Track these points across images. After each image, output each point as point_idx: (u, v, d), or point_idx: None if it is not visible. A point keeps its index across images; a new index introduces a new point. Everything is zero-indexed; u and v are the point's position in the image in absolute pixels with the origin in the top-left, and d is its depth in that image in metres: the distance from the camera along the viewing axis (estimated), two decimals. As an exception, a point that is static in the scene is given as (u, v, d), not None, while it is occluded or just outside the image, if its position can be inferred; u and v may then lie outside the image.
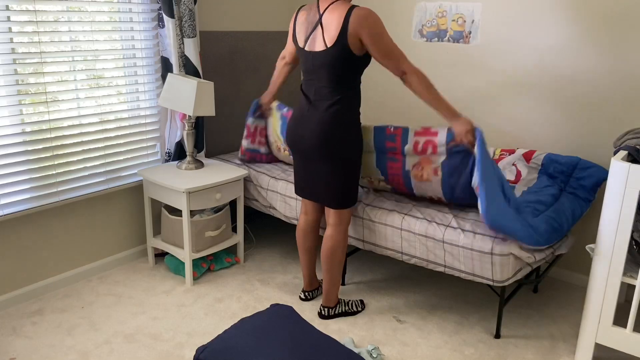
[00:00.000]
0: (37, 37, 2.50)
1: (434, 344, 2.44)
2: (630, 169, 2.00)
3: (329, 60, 2.21)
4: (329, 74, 2.24)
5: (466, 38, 3.16)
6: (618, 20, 2.65)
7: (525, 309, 2.74)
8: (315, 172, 2.39)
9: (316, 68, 2.27)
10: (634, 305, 2.10)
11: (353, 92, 2.30)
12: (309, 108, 2.33)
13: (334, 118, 2.26)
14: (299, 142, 2.38)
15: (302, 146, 2.37)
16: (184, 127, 2.98)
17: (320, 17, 2.23)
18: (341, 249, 2.48)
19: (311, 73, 2.31)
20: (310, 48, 2.28)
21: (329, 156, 2.30)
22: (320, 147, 2.29)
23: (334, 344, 1.96)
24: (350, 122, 2.30)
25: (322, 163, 2.34)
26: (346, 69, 2.23)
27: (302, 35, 2.32)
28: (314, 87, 2.31)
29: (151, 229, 3.04)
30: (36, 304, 2.67)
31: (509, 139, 3.12)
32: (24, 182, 2.57)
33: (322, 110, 2.28)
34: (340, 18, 2.15)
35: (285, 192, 2.88)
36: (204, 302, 2.73)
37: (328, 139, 2.27)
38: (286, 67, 2.72)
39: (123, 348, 2.34)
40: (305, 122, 2.33)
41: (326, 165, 2.33)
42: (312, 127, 2.30)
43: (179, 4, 2.88)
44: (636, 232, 2.17)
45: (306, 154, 2.37)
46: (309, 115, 2.32)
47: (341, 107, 2.27)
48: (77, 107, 2.71)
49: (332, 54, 2.19)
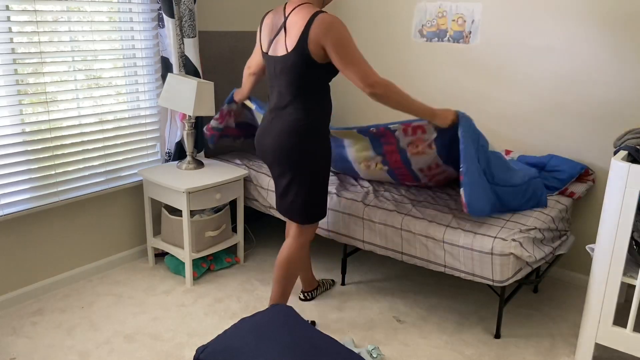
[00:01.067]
0: (37, 37, 2.50)
1: (434, 344, 2.44)
2: (630, 169, 2.00)
3: (289, 65, 2.08)
4: (290, 81, 2.11)
5: (466, 38, 3.16)
6: (618, 20, 2.65)
7: (525, 309, 2.74)
8: (280, 184, 2.27)
9: (278, 74, 2.15)
10: (634, 305, 2.10)
11: (318, 100, 2.15)
12: (272, 118, 2.21)
13: (295, 127, 2.13)
14: (264, 152, 2.25)
15: (267, 157, 2.25)
16: (184, 127, 2.98)
17: (285, 20, 2.10)
18: (295, 262, 2.36)
19: (274, 79, 2.19)
20: (273, 52, 2.16)
21: (292, 167, 2.17)
22: (283, 158, 2.17)
23: (334, 344, 1.96)
24: (314, 131, 2.15)
25: (285, 174, 2.22)
26: (308, 76, 2.10)
27: (267, 38, 2.21)
28: (276, 95, 2.19)
29: (151, 229, 3.04)
30: (36, 304, 2.67)
31: (508, 140, 3.12)
32: (24, 182, 2.57)
33: (284, 119, 2.15)
34: (302, 22, 2.02)
35: (285, 192, 2.88)
36: (204, 302, 2.72)
37: (289, 150, 2.14)
38: (251, 78, 2.57)
39: (123, 348, 2.34)
40: (269, 131, 2.21)
41: (290, 176, 2.20)
42: (274, 137, 2.18)
43: (179, 4, 2.88)
44: (636, 232, 2.16)
45: (271, 165, 2.26)
46: (273, 125, 2.20)
47: (304, 116, 2.13)
48: (77, 107, 2.71)
49: (292, 59, 2.06)
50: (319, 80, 2.13)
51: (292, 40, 2.06)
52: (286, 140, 2.14)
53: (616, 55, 2.68)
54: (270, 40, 2.18)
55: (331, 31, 1.99)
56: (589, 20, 2.73)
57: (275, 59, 2.14)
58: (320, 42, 2.01)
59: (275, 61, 2.15)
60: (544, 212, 2.54)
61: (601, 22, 2.69)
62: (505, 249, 2.22)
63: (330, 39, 1.99)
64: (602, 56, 2.72)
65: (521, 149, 3.07)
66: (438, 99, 3.35)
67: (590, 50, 2.75)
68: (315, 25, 2.00)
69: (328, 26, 1.99)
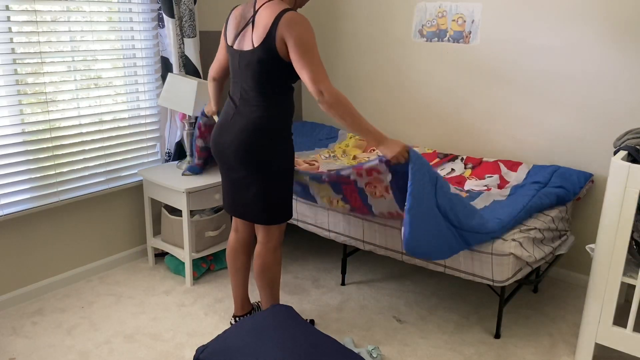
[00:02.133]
0: (36, 37, 2.50)
1: (434, 344, 2.44)
2: (630, 169, 2.00)
3: (255, 60, 2.03)
4: (255, 76, 2.05)
5: (466, 38, 3.16)
6: (619, 20, 2.64)
7: (525, 309, 2.74)
8: (239, 184, 2.18)
9: (242, 69, 2.08)
10: (634, 305, 2.10)
11: (282, 99, 2.11)
12: (233, 114, 2.13)
13: (258, 125, 2.07)
14: (222, 151, 2.17)
15: (225, 156, 2.16)
16: (184, 127, 2.98)
17: (254, 14, 2.05)
18: (272, 269, 2.29)
19: (237, 75, 2.13)
20: (238, 47, 2.10)
21: (253, 166, 2.11)
22: (243, 156, 2.10)
23: (334, 344, 1.96)
24: (277, 129, 2.11)
25: (246, 174, 2.14)
26: (273, 73, 2.05)
27: (232, 32, 2.13)
28: (239, 91, 2.12)
29: (151, 229, 3.04)
30: (36, 304, 2.67)
31: (508, 142, 3.12)
32: (24, 182, 2.57)
33: (246, 116, 2.09)
34: (270, 18, 1.98)
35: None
36: (204, 302, 2.72)
37: (251, 147, 2.08)
38: (212, 84, 2.41)
39: (123, 348, 2.34)
40: (229, 128, 2.13)
41: (251, 176, 2.13)
42: (236, 134, 2.10)
43: (179, 4, 2.88)
44: (636, 232, 2.16)
45: (229, 164, 2.17)
46: (233, 121, 2.12)
47: (267, 114, 2.07)
48: (76, 107, 2.71)
49: (258, 54, 2.01)
50: (284, 79, 2.09)
51: (259, 35, 2.01)
52: (249, 138, 2.08)
53: (616, 55, 2.68)
54: (237, 34, 2.11)
55: (295, 29, 1.96)
56: (589, 20, 2.73)
57: (241, 53, 2.08)
58: (284, 38, 1.97)
59: (240, 55, 2.09)
60: (543, 212, 2.54)
61: (601, 22, 2.69)
62: (505, 249, 2.22)
63: (293, 36, 1.96)
64: (602, 56, 2.72)
65: (521, 149, 3.07)
66: (438, 99, 3.35)
67: (590, 50, 2.75)
68: (282, 21, 1.96)
69: (293, 23, 1.96)
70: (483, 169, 3.00)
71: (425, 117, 3.44)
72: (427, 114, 3.43)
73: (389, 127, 3.63)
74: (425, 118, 3.45)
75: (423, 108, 3.44)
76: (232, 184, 2.22)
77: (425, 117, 3.45)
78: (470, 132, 3.26)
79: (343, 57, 3.76)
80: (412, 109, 3.50)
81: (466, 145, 3.30)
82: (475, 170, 3.01)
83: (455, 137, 3.34)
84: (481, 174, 2.96)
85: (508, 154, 3.14)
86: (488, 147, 3.20)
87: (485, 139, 3.21)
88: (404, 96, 3.51)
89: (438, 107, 3.37)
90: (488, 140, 3.20)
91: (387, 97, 3.60)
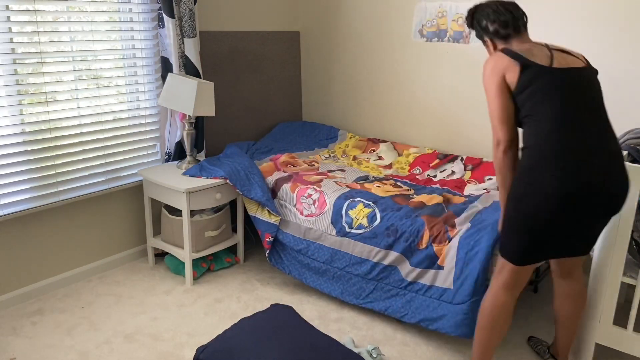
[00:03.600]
0: (37, 37, 2.50)
1: (434, 344, 2.44)
2: (630, 169, 2.00)
3: (594, 79, 1.85)
4: (599, 99, 1.84)
5: (466, 38, 3.16)
6: (619, 20, 2.65)
7: (525, 309, 2.74)
8: (594, 227, 1.85)
9: (578, 89, 1.80)
10: (634, 305, 2.10)
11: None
12: (597, 148, 1.76)
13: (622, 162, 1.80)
14: (609, 194, 1.76)
15: (605, 200, 1.76)
16: (184, 127, 2.98)
17: (549, 47, 1.89)
18: (485, 309, 1.98)
19: (571, 97, 1.79)
20: (561, 65, 1.83)
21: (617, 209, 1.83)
22: (621, 202, 1.79)
23: (334, 344, 1.96)
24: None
25: (606, 218, 1.84)
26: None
27: (536, 58, 1.84)
28: (587, 116, 1.79)
29: (151, 229, 3.04)
30: (36, 304, 2.67)
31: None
32: (24, 182, 2.57)
33: (615, 150, 1.78)
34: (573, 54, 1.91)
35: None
36: (204, 302, 2.73)
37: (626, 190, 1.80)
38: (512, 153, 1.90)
39: (123, 348, 2.34)
40: (611, 168, 1.75)
41: (606, 219, 1.85)
42: (622, 174, 1.78)
43: (179, 4, 2.89)
44: (636, 232, 2.16)
45: (599, 208, 1.78)
46: (611, 159, 1.77)
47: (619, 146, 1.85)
48: (77, 107, 2.71)
49: (593, 72, 1.86)
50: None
51: (580, 58, 1.88)
52: (626, 179, 1.78)
53: (617, 55, 2.68)
54: (548, 56, 1.85)
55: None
56: (589, 20, 2.73)
57: (571, 71, 1.81)
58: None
59: (570, 74, 1.81)
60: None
61: (602, 22, 2.69)
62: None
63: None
64: (603, 56, 2.72)
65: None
66: (438, 99, 3.35)
67: (591, 50, 2.75)
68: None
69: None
70: (483, 170, 3.00)
71: (425, 117, 3.44)
72: (426, 114, 3.43)
73: (389, 127, 3.64)
74: (424, 118, 3.45)
75: (423, 108, 3.44)
76: (582, 227, 1.83)
77: (424, 117, 3.45)
78: (470, 132, 3.26)
79: (343, 57, 3.76)
80: (412, 109, 3.50)
81: (466, 145, 3.30)
82: (475, 171, 3.01)
83: (454, 137, 3.34)
84: (481, 176, 2.96)
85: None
86: (488, 147, 3.20)
87: (485, 139, 3.21)
88: (404, 96, 3.51)
89: (438, 107, 3.37)
90: (488, 140, 3.20)
91: (387, 97, 3.60)
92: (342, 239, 2.59)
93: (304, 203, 2.73)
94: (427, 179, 3.05)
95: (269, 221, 2.79)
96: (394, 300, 2.46)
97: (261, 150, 3.38)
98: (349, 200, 2.62)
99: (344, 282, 2.62)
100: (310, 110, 4.06)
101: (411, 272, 2.39)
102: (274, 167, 3.07)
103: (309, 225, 2.70)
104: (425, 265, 2.35)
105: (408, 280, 2.41)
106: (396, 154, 3.39)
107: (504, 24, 1.97)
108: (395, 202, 2.60)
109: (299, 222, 2.74)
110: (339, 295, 2.65)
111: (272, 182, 2.91)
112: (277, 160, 3.17)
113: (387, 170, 3.21)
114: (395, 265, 2.44)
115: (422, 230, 2.36)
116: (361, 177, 2.98)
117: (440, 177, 3.05)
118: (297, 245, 2.76)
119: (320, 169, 3.11)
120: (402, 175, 3.13)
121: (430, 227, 2.36)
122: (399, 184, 2.90)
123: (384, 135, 3.67)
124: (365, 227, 2.52)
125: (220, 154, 3.20)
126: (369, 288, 2.55)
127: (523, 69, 1.81)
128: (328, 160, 3.31)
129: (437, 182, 2.99)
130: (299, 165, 3.13)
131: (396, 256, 2.43)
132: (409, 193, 2.75)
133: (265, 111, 3.79)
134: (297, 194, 2.77)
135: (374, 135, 3.73)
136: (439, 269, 2.30)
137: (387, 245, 2.45)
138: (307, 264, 2.75)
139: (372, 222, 2.51)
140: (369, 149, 3.47)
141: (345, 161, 3.32)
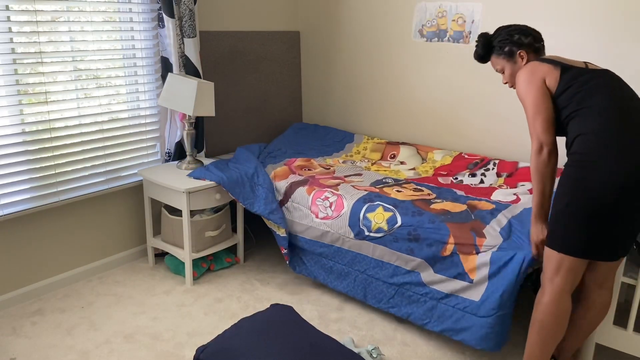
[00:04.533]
0: (36, 37, 2.50)
1: (434, 344, 2.44)
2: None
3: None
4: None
5: (466, 38, 3.16)
6: (619, 21, 2.65)
7: (525, 309, 2.74)
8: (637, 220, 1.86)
9: (621, 83, 1.92)
10: (634, 305, 2.10)
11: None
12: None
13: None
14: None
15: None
16: (184, 127, 2.98)
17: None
18: (540, 313, 1.99)
19: (617, 91, 1.88)
20: (591, 66, 1.96)
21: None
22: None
23: (334, 344, 1.96)
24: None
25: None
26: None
27: (569, 62, 1.96)
28: (633, 103, 1.86)
29: (151, 229, 3.04)
30: (36, 304, 2.67)
31: (507, 142, 3.12)
32: (24, 182, 2.57)
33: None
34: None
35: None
36: (204, 302, 2.73)
37: None
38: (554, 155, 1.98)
39: (123, 348, 2.34)
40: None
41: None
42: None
43: (179, 4, 2.89)
44: (636, 232, 2.16)
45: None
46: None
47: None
48: (77, 107, 2.71)
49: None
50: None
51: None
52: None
53: (617, 55, 2.68)
54: (580, 62, 1.99)
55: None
56: (590, 20, 2.73)
57: (605, 71, 1.93)
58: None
59: (607, 73, 1.92)
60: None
61: (602, 22, 2.69)
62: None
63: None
64: (603, 56, 2.72)
65: (521, 150, 3.07)
66: (437, 99, 3.35)
67: (591, 49, 2.75)
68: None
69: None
70: (518, 177, 2.90)
71: (425, 117, 3.44)
72: (426, 114, 3.43)
73: (389, 127, 3.64)
74: (424, 118, 3.45)
75: (422, 108, 3.44)
76: (632, 222, 1.85)
77: (424, 117, 3.45)
78: (470, 132, 3.26)
79: (343, 57, 3.76)
80: (412, 108, 3.50)
81: (466, 145, 3.30)
82: (509, 178, 2.91)
83: (454, 137, 3.34)
84: (515, 182, 2.86)
85: (506, 155, 3.13)
86: (489, 146, 3.20)
87: (485, 139, 3.21)
88: (404, 96, 3.51)
89: (437, 107, 3.37)
90: (488, 140, 3.20)
91: (387, 97, 3.60)
92: (362, 242, 2.55)
93: (320, 205, 2.69)
94: (452, 184, 2.93)
95: (278, 234, 2.78)
96: (416, 307, 2.42)
97: (273, 154, 3.35)
98: (368, 203, 2.56)
99: (367, 286, 2.59)
100: (310, 110, 4.06)
101: (434, 279, 2.34)
102: (289, 170, 3.02)
103: (325, 228, 2.67)
104: (451, 275, 2.29)
105: (430, 287, 2.36)
106: (420, 158, 3.30)
107: (537, 38, 2.11)
108: (416, 205, 2.52)
109: (314, 225, 2.71)
110: (363, 299, 2.62)
111: (286, 185, 2.85)
112: (292, 164, 3.13)
113: (409, 172, 3.13)
114: (418, 271, 2.39)
115: (447, 237, 2.30)
116: (379, 180, 2.92)
117: (466, 182, 2.95)
118: (316, 248, 2.73)
119: (336, 172, 3.06)
120: (423, 177, 3.03)
121: (455, 234, 2.29)
122: (420, 188, 2.80)
123: (384, 135, 3.67)
124: (385, 230, 2.47)
125: (232, 157, 3.18)
126: (390, 293, 2.51)
127: (563, 72, 1.91)
128: (346, 165, 3.23)
129: (461, 187, 2.87)
130: (315, 168, 3.10)
131: (418, 262, 2.38)
132: (430, 198, 2.66)
133: (265, 111, 3.79)
134: (313, 196, 2.73)
135: (374, 135, 3.73)
136: (469, 282, 2.24)
137: (409, 250, 2.40)
138: (330, 267, 2.72)
139: (393, 226, 2.45)
140: (389, 153, 3.40)
141: (364, 165, 3.25)
